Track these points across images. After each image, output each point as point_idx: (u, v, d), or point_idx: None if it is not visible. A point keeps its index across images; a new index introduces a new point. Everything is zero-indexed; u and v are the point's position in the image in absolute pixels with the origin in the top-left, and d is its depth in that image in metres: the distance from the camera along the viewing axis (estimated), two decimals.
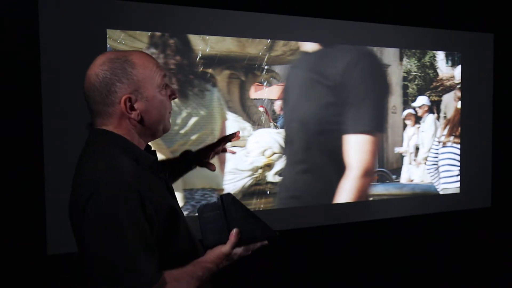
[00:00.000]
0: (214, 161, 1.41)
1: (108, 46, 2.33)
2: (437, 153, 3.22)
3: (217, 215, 1.13)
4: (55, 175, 2.23)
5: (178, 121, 2.47)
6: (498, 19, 3.37)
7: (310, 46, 2.79)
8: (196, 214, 1.18)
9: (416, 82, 3.14)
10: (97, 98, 1.04)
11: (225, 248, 1.11)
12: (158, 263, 1.01)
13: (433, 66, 3.20)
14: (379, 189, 3.02)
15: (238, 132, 1.44)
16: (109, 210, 0.95)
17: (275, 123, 2.75)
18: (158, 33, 2.43)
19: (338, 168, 2.88)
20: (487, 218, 3.40)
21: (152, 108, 1.07)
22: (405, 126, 3.11)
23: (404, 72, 3.10)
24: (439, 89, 3.22)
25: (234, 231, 1.11)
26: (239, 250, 1.13)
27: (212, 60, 2.56)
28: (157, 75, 1.07)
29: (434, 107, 3.20)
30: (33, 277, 2.23)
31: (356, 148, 2.89)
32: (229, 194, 1.15)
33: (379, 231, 3.10)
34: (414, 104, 3.13)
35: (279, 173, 2.75)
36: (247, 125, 2.66)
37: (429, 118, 3.18)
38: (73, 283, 1.43)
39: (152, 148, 1.20)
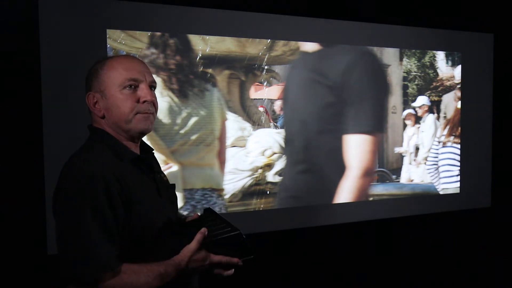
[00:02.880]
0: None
1: (108, 46, 2.33)
2: (437, 153, 3.22)
3: (193, 225, 1.20)
4: (55, 175, 2.22)
5: (178, 121, 2.47)
6: (498, 19, 3.37)
7: (310, 46, 2.79)
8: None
9: (416, 82, 3.14)
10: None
11: (191, 245, 1.12)
12: (120, 253, 1.05)
13: (433, 66, 3.20)
14: (379, 189, 3.02)
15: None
16: (71, 198, 1.04)
17: (275, 123, 2.75)
18: (158, 33, 2.43)
19: (338, 168, 2.87)
20: (487, 218, 3.40)
21: (112, 106, 1.14)
22: (405, 126, 3.11)
23: (404, 72, 3.10)
24: (439, 89, 3.22)
25: (202, 229, 1.14)
26: (216, 258, 1.13)
27: (212, 60, 2.56)
28: (120, 75, 1.13)
29: (434, 107, 3.20)
30: (33, 277, 2.23)
31: (356, 148, 2.89)
32: (208, 208, 1.22)
33: (379, 231, 3.10)
34: (414, 104, 3.13)
35: (279, 173, 2.75)
36: (247, 125, 2.66)
37: (429, 118, 3.18)
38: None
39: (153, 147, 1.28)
